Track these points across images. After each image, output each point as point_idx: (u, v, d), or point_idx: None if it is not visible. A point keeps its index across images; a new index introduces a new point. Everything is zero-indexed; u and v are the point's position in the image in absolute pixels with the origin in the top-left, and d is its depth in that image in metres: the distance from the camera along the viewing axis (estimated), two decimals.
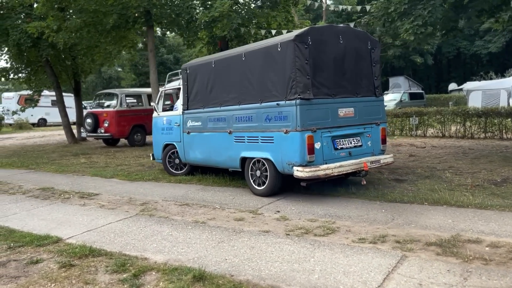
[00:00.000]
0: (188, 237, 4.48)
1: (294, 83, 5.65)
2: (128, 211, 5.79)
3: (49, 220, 5.51)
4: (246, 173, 6.55)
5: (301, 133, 5.58)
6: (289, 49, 5.69)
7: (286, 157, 5.77)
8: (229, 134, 6.75)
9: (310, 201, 5.76)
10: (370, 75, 6.57)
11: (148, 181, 8.04)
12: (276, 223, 4.83)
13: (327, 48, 5.96)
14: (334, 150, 5.93)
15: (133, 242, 4.42)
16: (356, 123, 6.27)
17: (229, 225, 4.86)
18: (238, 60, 6.65)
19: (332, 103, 5.98)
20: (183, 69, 7.96)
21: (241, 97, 6.57)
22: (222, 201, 6.05)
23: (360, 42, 6.43)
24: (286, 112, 5.78)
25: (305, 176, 5.52)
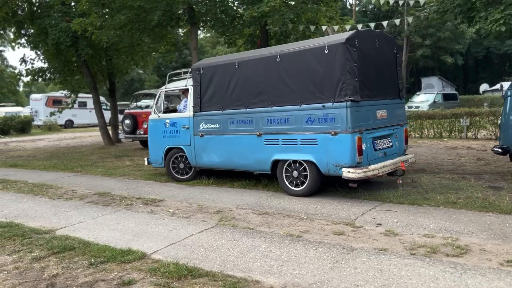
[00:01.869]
0: (293, 255, 3.90)
1: (344, 85, 5.69)
2: (205, 220, 5.25)
3: (122, 230, 5.01)
4: (280, 175, 6.52)
5: (352, 134, 5.66)
6: (340, 51, 5.74)
7: (333, 158, 5.82)
8: (258, 137, 6.67)
9: (409, 212, 5.13)
10: (396, 78, 6.88)
11: (208, 185, 7.51)
12: (387, 239, 4.21)
13: (368, 51, 6.12)
14: (374, 151, 6.08)
15: (231, 260, 3.87)
16: (388, 124, 6.49)
17: (331, 240, 4.28)
18: (271, 61, 6.52)
19: (373, 105, 6.15)
20: (195, 69, 7.62)
21: (274, 99, 6.48)
22: (305, 210, 5.46)
23: (389, 46, 6.71)
24: (333, 114, 5.81)
25: (356, 177, 5.60)
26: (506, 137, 6.69)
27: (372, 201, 5.73)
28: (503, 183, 6.46)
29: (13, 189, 7.99)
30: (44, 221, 5.63)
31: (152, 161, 8.56)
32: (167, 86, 8.54)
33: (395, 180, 6.71)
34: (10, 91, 50.30)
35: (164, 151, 8.21)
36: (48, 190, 7.80)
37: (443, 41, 38.49)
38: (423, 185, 6.48)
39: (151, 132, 8.56)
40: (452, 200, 5.46)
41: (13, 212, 6.18)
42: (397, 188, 6.34)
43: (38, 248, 4.47)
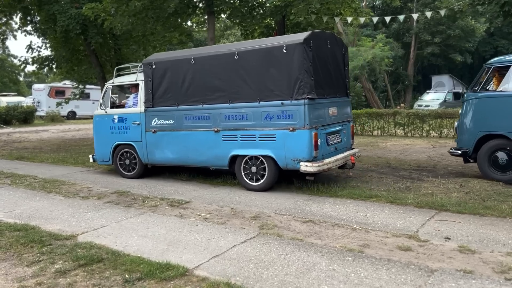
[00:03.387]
0: (363, 277, 3.34)
1: (302, 84, 5.93)
2: (244, 227, 4.69)
3: (153, 238, 4.44)
4: (238, 171, 6.65)
5: (309, 130, 5.95)
6: (298, 51, 5.95)
7: (291, 153, 6.08)
8: (215, 133, 6.74)
9: (474, 223, 4.56)
10: (344, 77, 7.32)
11: (234, 186, 6.94)
12: (466, 258, 3.65)
13: (321, 51, 6.40)
14: (327, 146, 6.44)
15: (291, 280, 3.31)
16: (339, 120, 6.88)
17: (400, 257, 3.71)
18: (229, 58, 6.57)
19: (326, 103, 6.48)
20: (147, 64, 7.43)
21: (232, 95, 6.56)
22: (354, 218, 4.90)
23: (338, 47, 7.12)
24: (291, 111, 6.04)
25: (314, 170, 5.93)
26: (461, 140, 7.09)
27: (426, 209, 5.17)
28: None
29: (23, 185, 7.41)
30: (62, 224, 5.06)
31: (98, 159, 8.33)
32: (114, 80, 8.21)
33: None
34: (11, 81, 49.60)
35: (112, 147, 7.99)
36: (61, 187, 7.23)
37: (452, 39, 37.81)
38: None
39: (96, 128, 8.31)
40: (504, 208, 4.91)
41: (27, 212, 5.61)
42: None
43: (61, 258, 3.91)
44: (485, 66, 7.12)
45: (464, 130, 7.05)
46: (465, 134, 7.03)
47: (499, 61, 7.04)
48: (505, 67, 6.80)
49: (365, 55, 27.32)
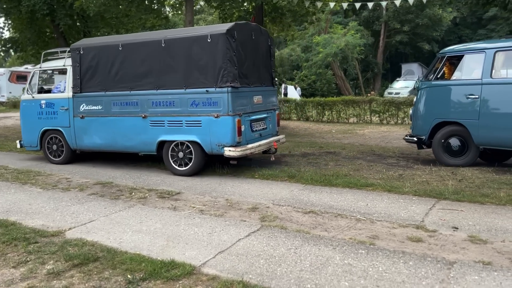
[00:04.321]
0: (382, 271, 3.20)
1: (225, 73, 6.19)
2: (244, 220, 4.47)
3: (150, 233, 4.16)
4: (166, 156, 6.81)
5: (233, 117, 6.26)
6: (221, 41, 6.20)
7: (216, 139, 6.37)
8: (143, 119, 6.84)
9: (476, 211, 4.53)
10: (269, 67, 7.64)
11: (223, 175, 6.70)
12: (480, 249, 3.59)
13: (245, 42, 6.65)
14: (251, 132, 6.80)
15: (308, 277, 3.13)
16: (263, 108, 7.24)
17: (413, 249, 3.61)
18: (156, 45, 6.69)
19: (250, 91, 6.79)
20: (74, 49, 7.42)
21: (159, 82, 6.70)
22: (355, 208, 4.77)
23: (264, 38, 7.43)
24: (216, 98, 6.31)
25: (236, 155, 6.27)
26: (416, 128, 7.29)
27: (425, 198, 5.12)
28: None
29: None
30: (45, 218, 4.68)
31: (26, 144, 8.26)
32: (42, 65, 8.10)
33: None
34: None
35: (40, 133, 7.93)
36: (37, 178, 6.76)
37: (420, 27, 38.49)
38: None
39: (23, 114, 8.20)
40: None
41: (2, 206, 5.18)
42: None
43: (51, 258, 3.57)
44: (439, 55, 7.25)
45: (419, 118, 7.23)
46: (420, 122, 7.21)
47: (452, 50, 7.16)
48: (458, 56, 6.98)
49: (338, 42, 27.37)
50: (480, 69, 6.50)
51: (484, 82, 6.42)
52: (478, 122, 6.46)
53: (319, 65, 29.32)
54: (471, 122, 6.53)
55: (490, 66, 6.38)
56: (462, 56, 6.88)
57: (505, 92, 6.27)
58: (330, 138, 11.49)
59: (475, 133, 6.51)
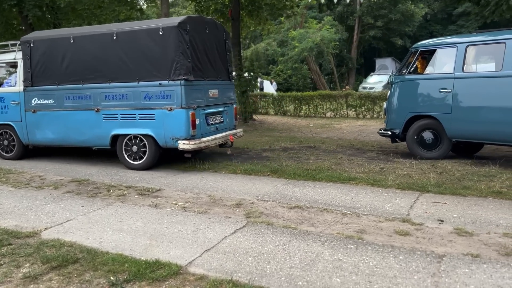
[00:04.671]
0: (373, 266, 3.16)
1: (178, 66, 6.18)
2: (229, 216, 4.36)
3: (131, 231, 3.99)
4: (119, 150, 6.77)
5: (186, 110, 6.25)
6: (173, 34, 6.18)
7: (170, 132, 6.35)
8: (96, 112, 6.76)
9: (459, 204, 4.56)
10: (226, 62, 7.63)
11: (204, 171, 6.56)
12: (467, 241, 3.60)
13: (199, 36, 6.64)
14: (207, 126, 6.81)
15: (299, 274, 3.05)
16: (220, 102, 7.26)
17: (402, 243, 3.59)
18: (107, 38, 6.62)
19: (205, 85, 6.79)
20: (25, 42, 7.23)
21: (112, 75, 6.63)
22: (340, 202, 4.73)
23: (219, 33, 7.43)
24: (169, 91, 6.28)
25: (190, 148, 6.28)
26: (390, 122, 7.37)
27: (408, 191, 5.13)
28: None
29: None
30: (18, 219, 4.44)
31: None
32: None
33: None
34: None
35: None
36: (8, 176, 6.45)
37: (393, 23, 39.07)
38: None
39: None
40: (497, 189, 4.99)
41: None
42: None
43: (27, 261, 3.37)
44: (412, 50, 7.36)
45: (393, 112, 7.32)
46: (394, 116, 7.31)
47: (425, 44, 7.29)
48: (430, 51, 7.11)
49: (314, 37, 27.44)
50: (452, 63, 6.60)
51: (456, 76, 6.53)
52: (451, 116, 6.57)
53: (295, 59, 29.35)
54: (444, 116, 6.64)
55: (461, 60, 6.49)
56: (435, 50, 6.99)
57: (476, 86, 6.39)
58: (308, 132, 11.48)
59: (448, 126, 6.62)
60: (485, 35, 6.67)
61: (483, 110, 6.29)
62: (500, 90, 6.14)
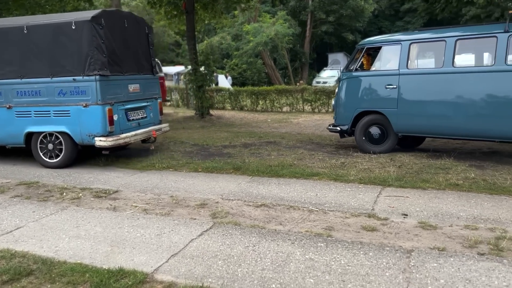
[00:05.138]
0: (345, 264, 3.14)
1: (92, 60, 6.04)
2: (194, 218, 4.21)
3: (90, 238, 3.75)
4: (34, 148, 6.58)
5: (102, 106, 6.12)
6: (86, 28, 6.02)
7: (86, 129, 6.22)
8: (8, 109, 6.52)
9: (421, 197, 4.67)
10: (148, 56, 7.52)
11: (163, 170, 6.34)
12: (432, 235, 3.67)
13: (116, 30, 6.51)
14: (127, 122, 6.69)
15: (272, 276, 2.97)
16: (142, 97, 7.15)
17: (370, 239, 3.60)
18: (17, 32, 6.35)
19: (124, 80, 6.68)
20: None
21: (24, 70, 6.40)
22: (306, 199, 4.71)
23: (139, 27, 7.28)
24: (84, 87, 6.13)
25: (108, 145, 6.16)
26: (339, 117, 7.53)
27: (370, 185, 5.20)
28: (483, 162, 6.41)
29: None
30: None
31: None
32: None
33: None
34: None
35: None
36: None
37: (345, 18, 39.94)
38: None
39: None
40: (454, 182, 5.16)
41: None
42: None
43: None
44: (358, 47, 7.52)
45: (341, 108, 7.46)
46: (342, 112, 7.44)
47: (371, 41, 7.49)
48: (376, 48, 7.30)
49: (268, 31, 27.47)
50: (397, 60, 6.79)
51: (401, 73, 6.73)
52: (397, 111, 6.77)
53: (249, 54, 29.29)
54: (390, 111, 6.83)
55: (406, 57, 6.69)
56: (380, 47, 7.16)
57: (420, 82, 6.62)
58: (267, 127, 11.45)
59: (394, 121, 6.82)
60: (427, 33, 6.94)
61: (426, 105, 6.53)
62: (441, 86, 6.39)
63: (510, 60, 5.94)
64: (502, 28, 5.95)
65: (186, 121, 13.11)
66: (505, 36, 5.89)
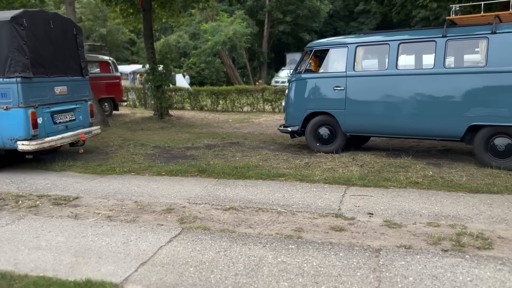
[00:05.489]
0: (317, 266, 3.17)
1: (13, 62, 5.87)
2: (161, 223, 4.11)
3: (51, 248, 3.57)
4: None
5: (25, 109, 5.94)
6: (6, 29, 5.85)
7: (8, 133, 6.04)
8: None
9: (384, 196, 4.81)
10: (77, 57, 7.30)
11: (125, 174, 6.16)
12: (397, 233, 3.78)
13: (40, 31, 6.34)
14: (54, 124, 6.54)
15: (246, 281, 2.95)
16: (70, 99, 6.99)
17: (339, 239, 3.66)
18: None
19: (50, 82, 6.52)
20: None
21: None
22: (272, 201, 4.73)
23: (67, 27, 7.11)
24: (4, 89, 5.95)
25: (31, 149, 5.99)
26: (290, 118, 7.61)
27: (335, 185, 5.30)
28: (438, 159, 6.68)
29: None
30: None
31: None
32: None
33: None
34: None
35: None
36: None
37: (301, 18, 40.53)
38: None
39: None
40: (414, 180, 5.35)
41: None
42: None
43: None
44: (306, 49, 7.71)
45: (292, 109, 7.56)
46: (292, 113, 7.55)
47: (318, 44, 7.74)
48: (323, 50, 7.53)
49: (226, 30, 27.37)
50: (344, 62, 7.01)
51: (348, 75, 6.96)
52: (345, 112, 6.99)
53: (208, 53, 29.06)
54: (339, 112, 7.05)
55: (352, 60, 6.93)
56: (328, 50, 7.37)
57: (366, 83, 6.89)
58: (229, 128, 11.41)
59: (342, 121, 7.04)
60: (372, 36, 7.24)
61: (372, 105, 6.81)
62: (386, 88, 6.68)
63: (448, 63, 6.34)
64: (440, 33, 6.29)
65: (144, 122, 12.81)
66: (443, 40, 6.23)
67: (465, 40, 6.33)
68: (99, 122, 10.58)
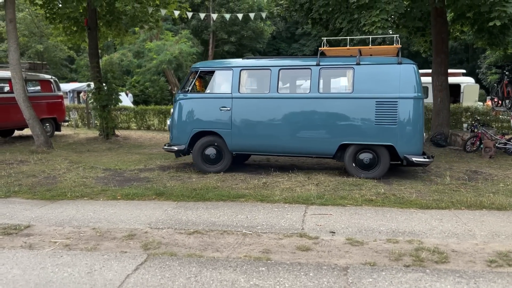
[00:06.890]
0: (289, 287, 3.23)
1: None
2: (125, 251, 3.98)
3: (7, 283, 3.33)
4: None
5: None
6: None
7: None
8: None
9: (342, 214, 4.99)
10: None
11: (77, 199, 5.89)
12: (360, 250, 3.94)
13: None
14: None
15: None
16: None
17: (306, 259, 3.75)
18: None
19: None
20: None
21: None
22: (236, 223, 4.74)
23: None
24: None
25: None
26: (175, 138, 7.67)
27: (295, 204, 5.42)
28: None
29: None
30: None
31: None
32: None
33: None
34: None
35: None
36: None
37: (246, 39, 41.29)
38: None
39: None
40: (368, 197, 5.60)
41: None
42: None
43: None
44: (192, 69, 7.99)
45: (177, 128, 7.64)
46: (178, 132, 7.64)
47: (204, 65, 8.10)
48: (209, 71, 7.85)
49: (172, 49, 27.23)
50: (230, 84, 7.37)
51: (234, 96, 7.33)
52: (231, 131, 7.33)
53: (152, 72, 28.68)
54: (225, 131, 7.33)
55: (237, 82, 7.32)
56: (213, 71, 7.66)
57: (250, 105, 7.32)
58: None
59: (229, 141, 7.35)
60: (256, 61, 7.77)
61: (256, 126, 7.26)
62: (268, 109, 7.19)
63: (321, 88, 7.02)
64: (315, 61, 7.01)
65: (90, 143, 12.33)
66: (317, 68, 6.97)
67: (335, 69, 7.20)
68: (42, 143, 10.05)
